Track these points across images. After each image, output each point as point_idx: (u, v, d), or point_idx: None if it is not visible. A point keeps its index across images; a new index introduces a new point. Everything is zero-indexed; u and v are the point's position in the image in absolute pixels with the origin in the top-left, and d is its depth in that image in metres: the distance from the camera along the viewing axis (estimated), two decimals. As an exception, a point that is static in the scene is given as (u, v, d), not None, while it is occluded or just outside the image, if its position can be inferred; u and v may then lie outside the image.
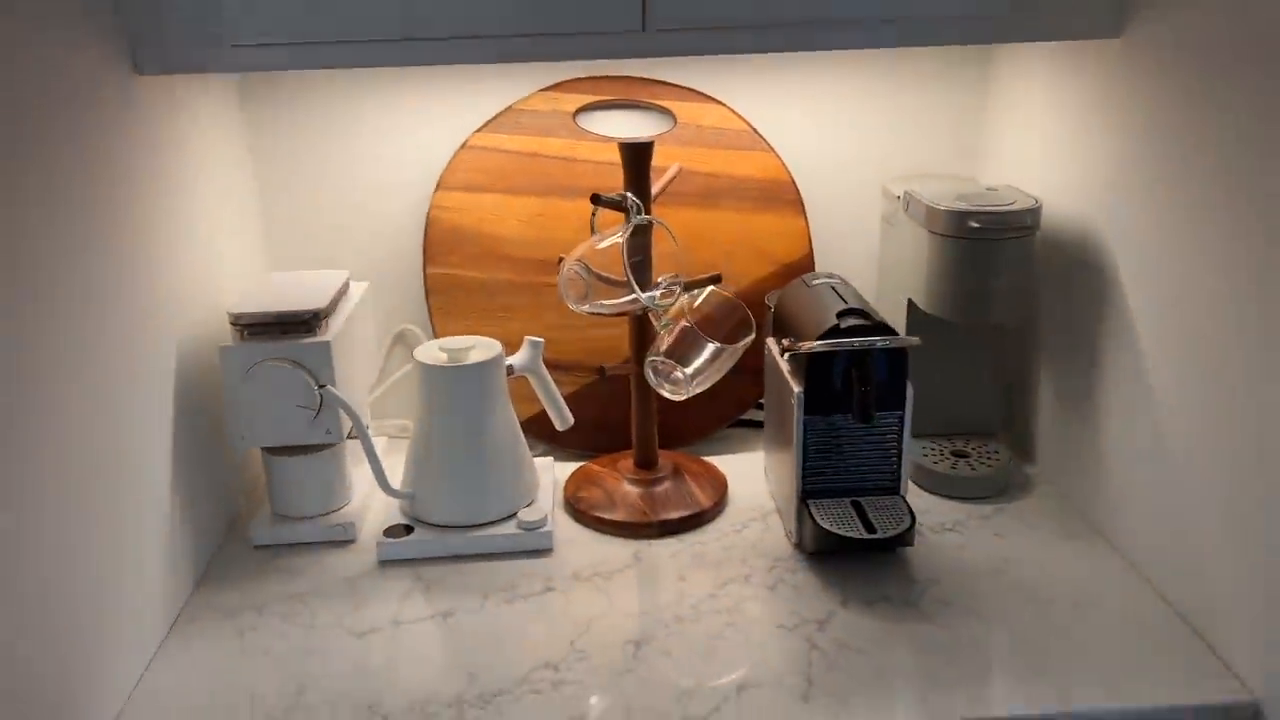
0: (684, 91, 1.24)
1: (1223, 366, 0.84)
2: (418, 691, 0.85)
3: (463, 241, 1.24)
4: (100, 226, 0.85)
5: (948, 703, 0.82)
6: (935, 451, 1.18)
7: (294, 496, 1.08)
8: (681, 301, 1.06)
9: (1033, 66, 1.16)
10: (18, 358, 0.72)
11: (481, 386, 1.05)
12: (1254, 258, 0.80)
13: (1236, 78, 0.81)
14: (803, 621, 0.93)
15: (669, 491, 1.13)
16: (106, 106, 0.87)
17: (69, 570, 0.77)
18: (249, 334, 1.02)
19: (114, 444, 0.86)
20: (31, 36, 0.76)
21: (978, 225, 1.03)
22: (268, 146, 1.24)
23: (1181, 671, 0.85)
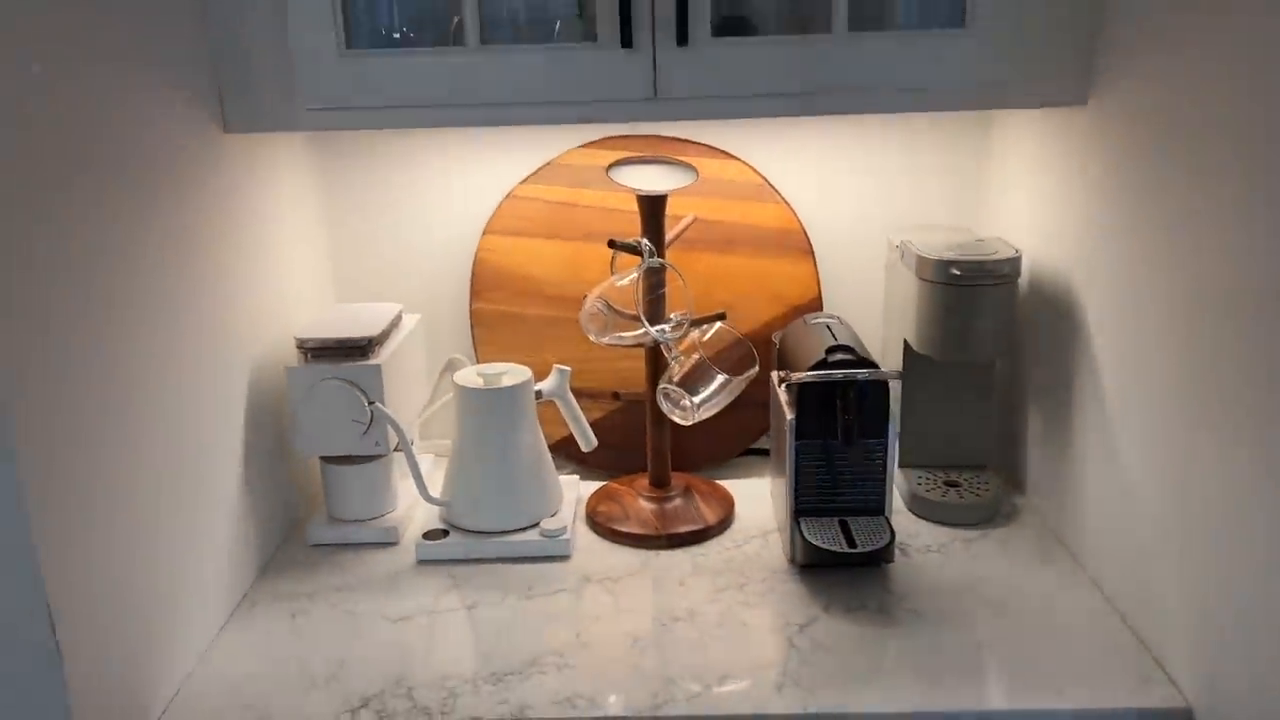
0: (705, 148, 1.37)
1: (1177, 410, 0.93)
2: (440, 668, 0.98)
3: (505, 280, 1.38)
4: (189, 262, 1.01)
5: (903, 696, 0.92)
6: (929, 480, 1.27)
7: (346, 502, 1.22)
8: (691, 336, 1.18)
9: (1023, 130, 1.26)
10: (118, 371, 0.87)
11: (512, 408, 1.18)
12: (1212, 309, 0.89)
13: (1192, 141, 0.90)
14: (786, 624, 1.04)
15: (679, 509, 1.24)
16: (199, 159, 1.04)
17: (152, 551, 0.92)
18: (312, 356, 1.17)
19: (194, 448, 1.01)
20: (142, 100, 0.93)
21: (959, 273, 1.14)
22: (335, 193, 1.40)
23: (1127, 679, 0.94)
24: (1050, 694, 0.92)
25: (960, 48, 1.05)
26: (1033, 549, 1.17)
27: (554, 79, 1.05)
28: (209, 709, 0.93)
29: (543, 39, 1.14)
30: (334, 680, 0.97)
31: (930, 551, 1.17)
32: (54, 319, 0.78)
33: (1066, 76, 1.06)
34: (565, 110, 1.07)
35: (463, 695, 0.94)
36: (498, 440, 1.18)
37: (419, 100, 1.07)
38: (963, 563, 1.14)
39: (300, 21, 1.04)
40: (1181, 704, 0.90)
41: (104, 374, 0.85)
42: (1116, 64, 1.01)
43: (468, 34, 1.05)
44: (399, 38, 1.16)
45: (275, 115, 1.08)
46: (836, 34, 1.04)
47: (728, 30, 1.08)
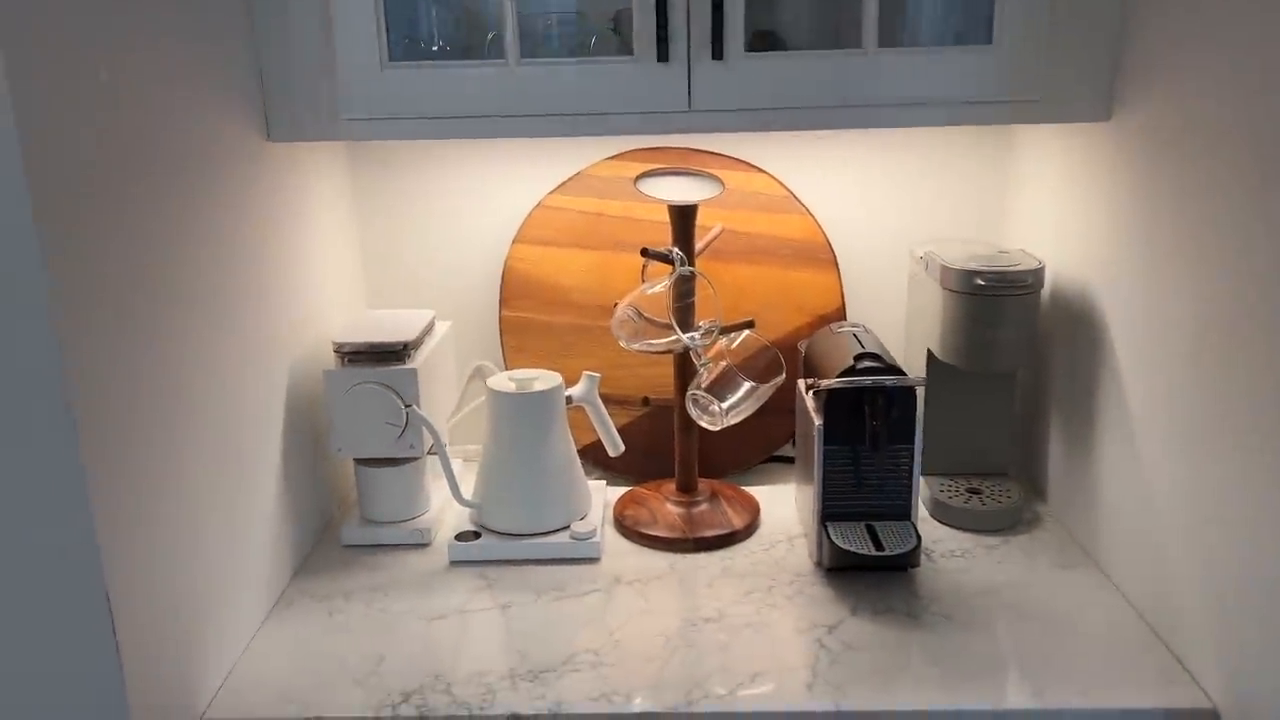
0: (731, 161, 1.40)
1: (1198, 418, 0.96)
2: (477, 665, 1.00)
3: (534, 288, 1.41)
4: (232, 268, 1.04)
5: (931, 695, 0.94)
6: (951, 488, 1.30)
7: (380, 503, 1.24)
8: (720, 343, 1.20)
9: (1047, 144, 1.29)
10: (168, 375, 0.90)
11: (543, 412, 1.21)
12: (1233, 320, 0.92)
13: (1212, 156, 0.93)
14: (814, 626, 1.06)
15: (706, 513, 1.27)
16: (243, 168, 1.06)
17: (198, 550, 0.95)
18: (348, 360, 1.20)
19: (236, 450, 1.03)
20: (191, 111, 0.96)
21: (983, 283, 1.16)
22: (370, 202, 1.43)
23: (1152, 681, 0.95)
24: (1075, 694, 0.93)
25: (988, 64, 1.07)
26: (1055, 555, 1.19)
27: (591, 92, 1.08)
28: (253, 703, 0.96)
29: (576, 53, 1.18)
30: (373, 676, 0.99)
31: (954, 556, 1.19)
32: (110, 326, 0.81)
33: (1091, 94, 1.09)
34: (602, 122, 1.10)
35: (500, 691, 0.96)
36: (529, 444, 1.21)
37: (459, 112, 1.10)
38: (986, 568, 1.16)
39: (346, 36, 1.07)
40: (1207, 705, 0.92)
41: (155, 378, 0.88)
42: (1139, 81, 1.04)
43: (507, 48, 1.08)
44: (436, 51, 1.19)
45: (317, 125, 1.11)
46: (867, 49, 1.07)
47: (760, 45, 1.11)
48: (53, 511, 0.76)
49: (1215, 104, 0.91)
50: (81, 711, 0.80)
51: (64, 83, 0.75)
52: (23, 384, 0.74)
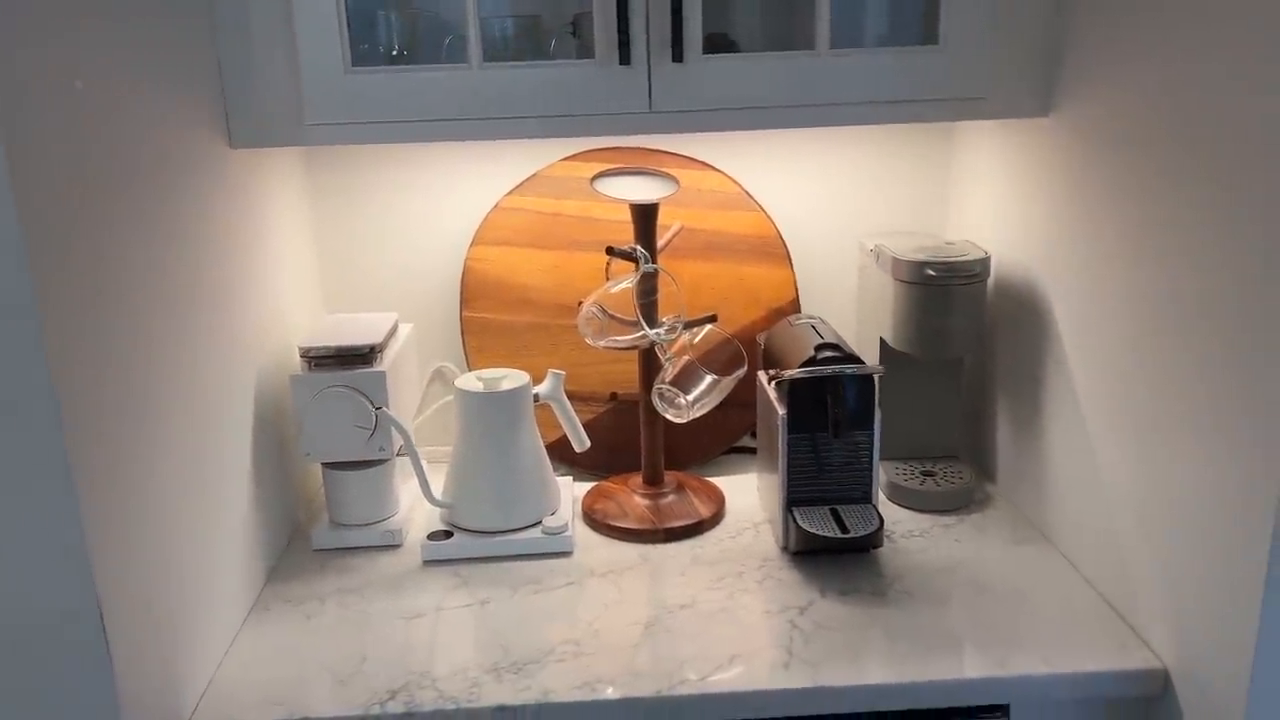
0: (686, 160, 1.43)
1: (1133, 397, 1.01)
2: (461, 660, 1.01)
3: (494, 289, 1.42)
4: (196, 275, 1.04)
5: (904, 668, 0.98)
6: (906, 471, 1.34)
7: (349, 506, 1.25)
8: (683, 338, 1.24)
9: (986, 141, 1.35)
10: (133, 384, 0.90)
11: (512, 411, 1.23)
12: (1161, 308, 0.97)
13: (1143, 151, 0.99)
14: (786, 608, 1.09)
15: (673, 504, 1.30)
16: (206, 174, 1.06)
17: (175, 556, 0.95)
18: (315, 365, 1.20)
19: (206, 457, 1.03)
20: (155, 118, 0.95)
21: (933, 273, 1.21)
22: (328, 206, 1.43)
23: (1105, 644, 1.01)
24: (1038, 661, 0.99)
25: (933, 64, 1.12)
26: (1007, 532, 1.24)
27: (554, 94, 1.10)
28: (240, 706, 0.96)
29: (533, 56, 1.20)
30: (357, 675, 1.00)
31: (914, 536, 1.24)
32: (85, 332, 0.81)
33: (1031, 90, 1.15)
34: (565, 124, 1.12)
35: (485, 685, 0.98)
36: (499, 442, 1.22)
37: (423, 115, 1.11)
38: (945, 546, 1.21)
39: (309, 42, 1.08)
40: (1158, 665, 0.98)
41: (126, 384, 0.88)
42: (1076, 80, 1.10)
43: (470, 52, 1.09)
44: (396, 56, 1.20)
45: (280, 131, 1.11)
46: (820, 51, 1.11)
47: (716, 47, 1.14)
48: (43, 518, 0.76)
49: (1146, 102, 0.97)
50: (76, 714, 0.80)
51: (44, 92, 0.75)
52: (14, 399, 0.73)
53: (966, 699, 0.98)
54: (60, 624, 0.78)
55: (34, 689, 0.79)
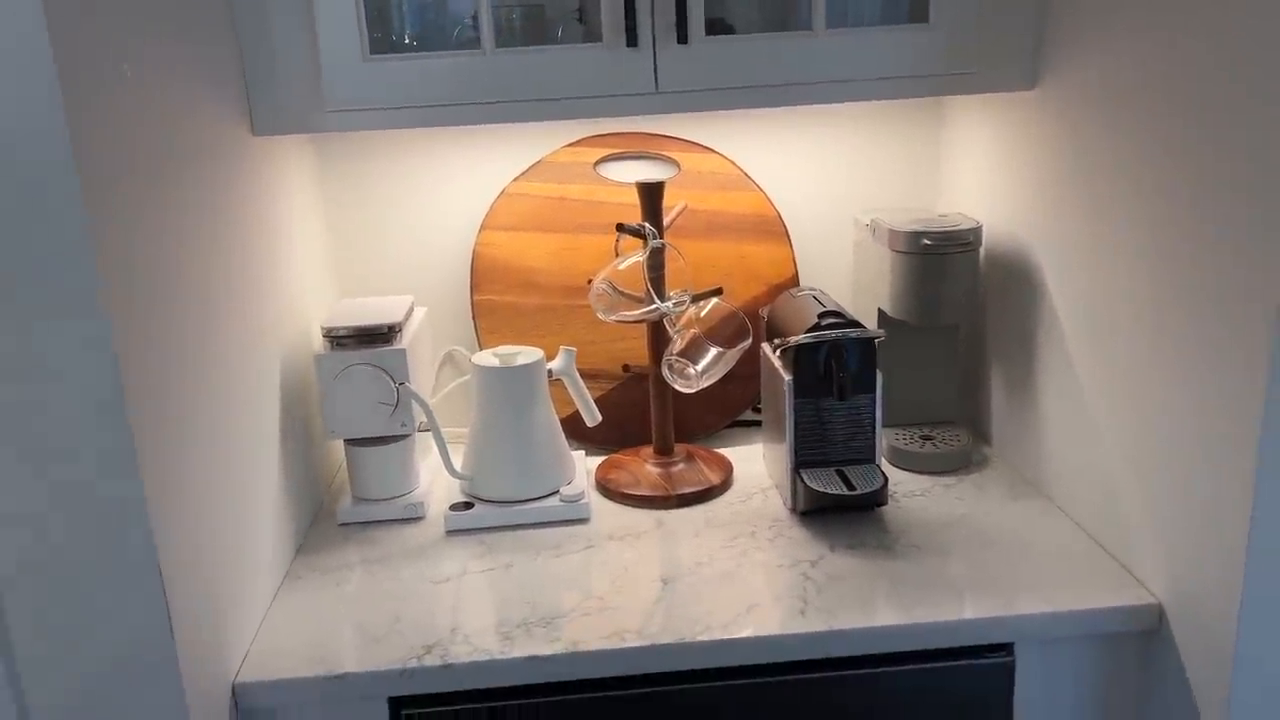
0: (686, 144, 1.48)
1: (1123, 354, 1.07)
2: (491, 617, 1.06)
3: (503, 272, 1.47)
4: (223, 259, 1.08)
5: (914, 611, 1.03)
6: (906, 435, 1.40)
7: (372, 482, 1.29)
8: (690, 311, 1.29)
9: (975, 115, 1.41)
10: (169, 364, 0.94)
11: (528, 385, 1.27)
12: (1147, 268, 1.03)
13: (1129, 122, 1.05)
14: (798, 562, 1.14)
15: (684, 472, 1.35)
16: (229, 161, 1.10)
17: (218, 527, 0.99)
18: (338, 344, 1.24)
19: (241, 432, 1.07)
20: (184, 106, 1.00)
21: (929, 242, 1.27)
22: (341, 194, 1.47)
23: (1103, 584, 1.07)
24: (1040, 601, 1.04)
25: (924, 41, 1.18)
26: (1005, 489, 1.30)
27: (564, 78, 1.15)
28: (281, 667, 1.00)
29: (540, 42, 1.25)
30: (393, 634, 1.04)
31: (916, 496, 1.29)
32: (118, 318, 0.85)
33: (1017, 65, 1.20)
34: (574, 106, 1.17)
35: (517, 638, 1.02)
36: (516, 415, 1.27)
37: (438, 100, 1.15)
38: (946, 504, 1.27)
39: (329, 31, 1.12)
40: (1152, 600, 1.03)
41: (165, 364, 0.92)
42: (1060, 53, 1.16)
43: (483, 37, 1.14)
44: (408, 44, 1.25)
45: (301, 118, 1.16)
46: (817, 31, 1.16)
47: (713, 31, 1.19)
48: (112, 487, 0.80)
49: (1125, 74, 1.03)
50: (141, 678, 0.84)
51: (98, 75, 0.79)
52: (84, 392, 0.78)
53: (972, 638, 1.03)
54: (126, 586, 0.82)
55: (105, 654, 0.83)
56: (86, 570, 0.81)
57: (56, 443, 0.78)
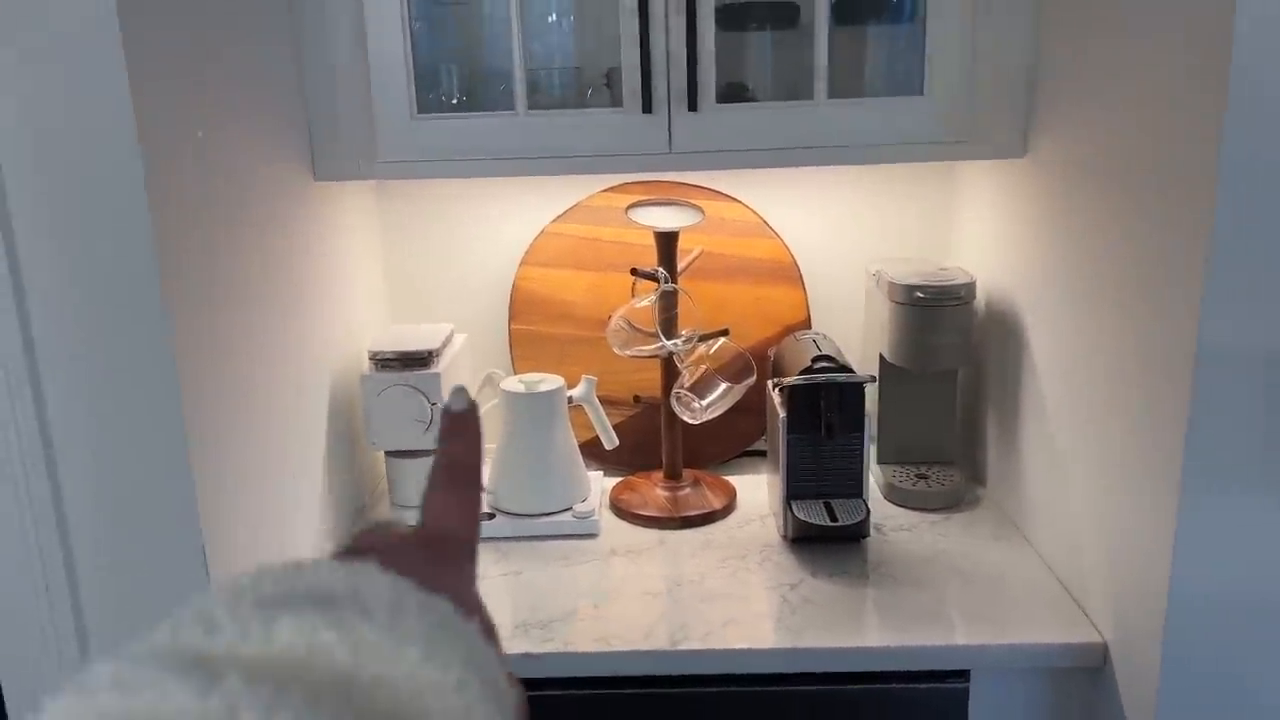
0: (711, 193, 1.60)
1: (1085, 406, 1.16)
2: (497, 617, 1.19)
3: (539, 305, 1.61)
4: (286, 289, 1.24)
5: (875, 635, 1.13)
6: (902, 473, 1.49)
7: (409, 490, 1.44)
8: (699, 349, 1.41)
9: (980, 176, 1.50)
10: (229, 379, 1.10)
11: (548, 409, 1.41)
12: (1112, 330, 1.12)
13: (1113, 188, 1.13)
14: (779, 584, 1.25)
15: (689, 496, 1.46)
16: (293, 203, 1.27)
17: (261, 515, 1.14)
18: (381, 366, 1.40)
19: (289, 446, 1.23)
20: (255, 157, 1.16)
21: (922, 295, 1.36)
22: (395, 231, 1.64)
23: (1058, 622, 1.15)
24: (992, 632, 1.13)
25: (919, 111, 1.28)
26: (989, 529, 1.38)
27: (587, 137, 1.29)
28: (310, 647, 1.15)
29: (574, 103, 1.39)
30: (409, 626, 1.18)
31: (902, 530, 1.39)
32: (194, 347, 1.01)
33: (1007, 134, 1.30)
34: (596, 163, 1.31)
35: (515, 637, 1.15)
36: (537, 436, 1.41)
37: (477, 154, 1.30)
38: (930, 539, 1.36)
39: (382, 92, 1.28)
40: (1098, 640, 1.11)
41: (230, 382, 1.08)
42: (1049, 124, 1.25)
43: (516, 101, 1.29)
44: (455, 103, 1.40)
45: (357, 167, 1.32)
46: (818, 101, 1.28)
47: (730, 96, 1.32)
48: (163, 488, 0.96)
49: (1106, 145, 1.12)
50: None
51: (173, 142, 0.96)
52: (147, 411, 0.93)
53: (930, 663, 1.13)
54: (172, 568, 0.98)
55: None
56: (139, 557, 0.97)
57: (124, 446, 0.94)
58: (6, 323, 0.90)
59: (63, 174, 0.89)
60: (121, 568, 0.98)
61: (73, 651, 0.98)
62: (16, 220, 0.89)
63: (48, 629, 0.98)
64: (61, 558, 0.96)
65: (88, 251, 0.91)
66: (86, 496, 0.96)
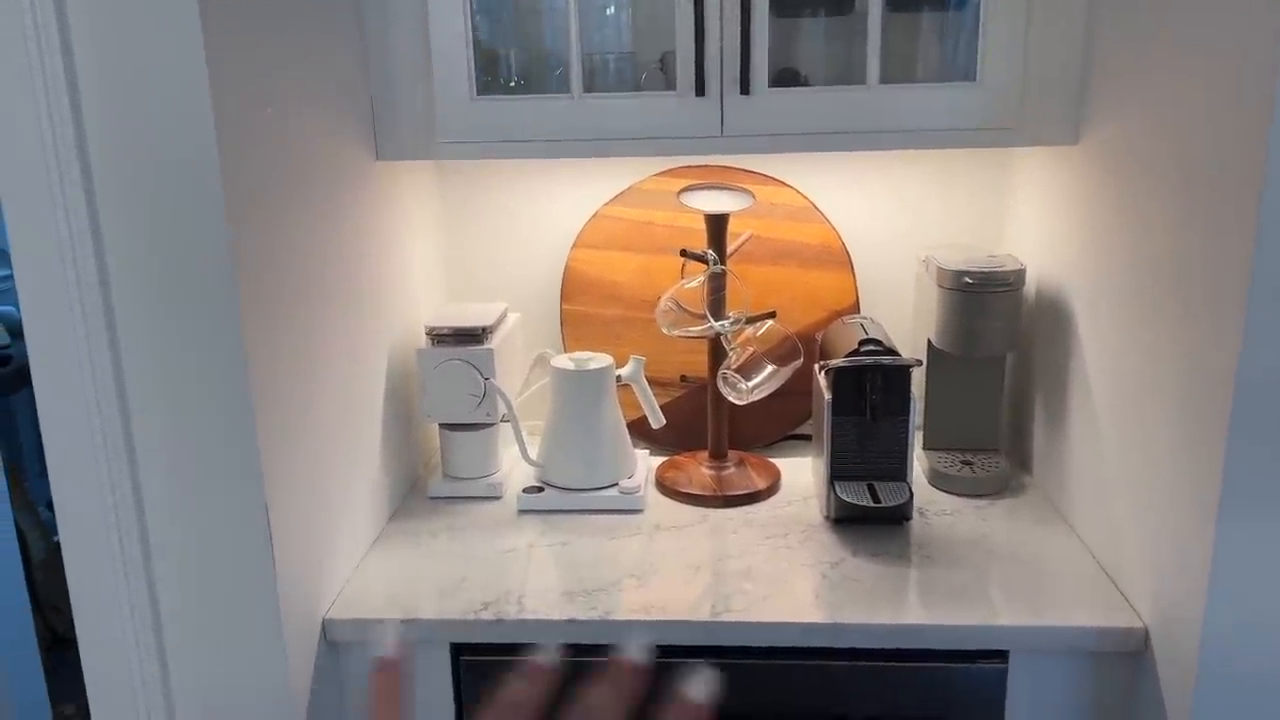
0: (762, 177, 1.62)
1: (1131, 394, 1.16)
2: (541, 585, 1.23)
3: (590, 286, 1.64)
4: (347, 266, 1.29)
5: (915, 613, 1.15)
6: (948, 459, 1.50)
7: (460, 462, 1.48)
8: (747, 331, 1.43)
9: (1033, 163, 1.50)
10: (295, 352, 1.15)
11: (597, 386, 1.44)
12: (1155, 317, 1.12)
13: (1163, 181, 1.13)
14: (819, 562, 1.27)
15: (734, 476, 1.49)
16: (356, 182, 1.31)
17: (323, 485, 1.19)
18: (437, 341, 1.44)
19: (352, 411, 1.28)
20: (320, 136, 1.21)
21: (971, 281, 1.37)
22: (453, 211, 1.68)
23: (1098, 606, 1.15)
24: (1032, 614, 1.14)
25: (971, 97, 1.29)
26: (1032, 515, 1.39)
27: (641, 120, 1.32)
28: (364, 607, 1.20)
29: (629, 87, 1.41)
30: (459, 590, 1.22)
31: (945, 515, 1.40)
32: (265, 315, 1.06)
33: (1060, 121, 1.30)
34: (649, 145, 1.33)
35: (560, 603, 1.19)
36: (585, 413, 1.44)
37: (533, 136, 1.34)
38: (972, 524, 1.37)
39: (442, 75, 1.32)
40: (1139, 625, 1.12)
41: (295, 354, 1.13)
42: (1100, 113, 1.25)
43: (572, 84, 1.32)
44: (513, 86, 1.43)
45: (418, 147, 1.36)
46: (870, 85, 1.29)
47: (783, 81, 1.33)
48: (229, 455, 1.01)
49: (1159, 133, 1.11)
50: (248, 600, 1.05)
51: (245, 118, 1.00)
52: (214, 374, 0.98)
53: (969, 643, 1.14)
54: (237, 530, 1.03)
55: (208, 578, 1.04)
56: (207, 508, 1.02)
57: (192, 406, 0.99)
58: (89, 292, 0.96)
59: (141, 148, 0.94)
60: (189, 529, 1.03)
61: (146, 619, 1.04)
62: (100, 194, 0.95)
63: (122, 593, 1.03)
64: (135, 519, 1.01)
65: (162, 224, 0.96)
66: (159, 462, 1.01)
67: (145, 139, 0.94)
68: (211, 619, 1.05)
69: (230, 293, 0.97)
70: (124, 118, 0.93)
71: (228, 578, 1.04)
